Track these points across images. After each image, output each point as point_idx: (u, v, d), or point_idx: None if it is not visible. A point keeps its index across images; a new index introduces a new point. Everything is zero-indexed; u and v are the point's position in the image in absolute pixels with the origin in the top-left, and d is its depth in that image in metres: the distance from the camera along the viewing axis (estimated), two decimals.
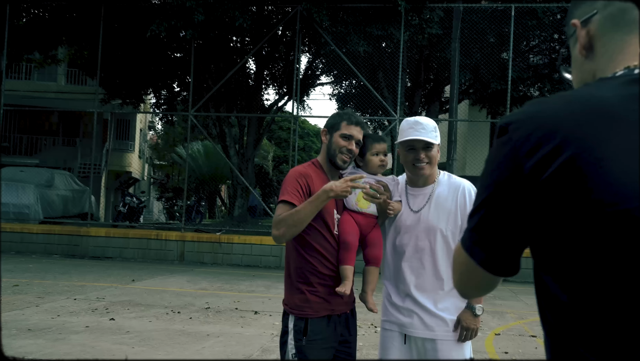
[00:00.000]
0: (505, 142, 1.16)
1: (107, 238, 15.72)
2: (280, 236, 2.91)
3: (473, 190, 3.12)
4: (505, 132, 1.17)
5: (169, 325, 7.56)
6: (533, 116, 1.14)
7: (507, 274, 1.23)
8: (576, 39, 1.27)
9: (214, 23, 15.38)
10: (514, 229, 1.16)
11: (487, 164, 1.20)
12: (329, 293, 3.01)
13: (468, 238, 1.24)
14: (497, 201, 1.16)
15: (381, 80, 18.18)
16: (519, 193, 1.12)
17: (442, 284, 3.06)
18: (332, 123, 3.19)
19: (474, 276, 1.26)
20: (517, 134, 1.13)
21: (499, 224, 1.17)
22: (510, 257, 1.20)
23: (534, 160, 1.09)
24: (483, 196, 1.19)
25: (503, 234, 1.17)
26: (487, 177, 1.19)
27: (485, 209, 1.18)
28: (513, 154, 1.13)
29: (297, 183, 3.01)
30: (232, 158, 18.98)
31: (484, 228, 1.19)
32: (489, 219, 1.18)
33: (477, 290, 1.34)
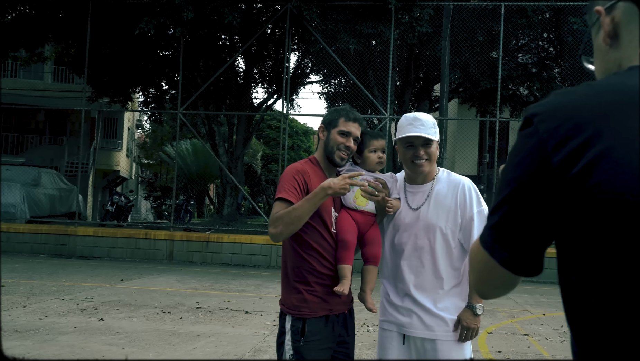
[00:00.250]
0: (530, 134, 1.09)
1: (95, 237, 15.57)
2: (277, 234, 2.84)
3: (473, 187, 3.07)
4: (530, 124, 1.10)
5: (159, 325, 7.47)
6: (561, 106, 1.08)
7: (530, 274, 1.16)
8: (599, 27, 1.20)
9: (203, 20, 15.25)
10: (539, 226, 1.10)
11: (510, 158, 1.14)
12: (327, 293, 2.95)
13: (488, 236, 1.17)
14: (521, 196, 1.09)
15: (371, 78, 18.14)
16: (545, 189, 1.06)
17: (442, 284, 3.01)
18: (329, 119, 3.13)
19: (493, 275, 1.20)
20: (544, 126, 1.07)
21: (523, 222, 1.10)
22: (533, 256, 1.14)
23: (562, 154, 1.03)
24: (505, 191, 1.12)
25: (527, 232, 1.11)
26: (510, 171, 1.12)
27: (509, 205, 1.12)
28: (540, 147, 1.06)
29: (295, 180, 2.94)
30: (222, 157, 18.87)
31: (507, 225, 1.13)
32: (512, 216, 1.11)
33: (496, 290, 1.27)
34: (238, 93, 19.94)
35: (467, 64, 17.78)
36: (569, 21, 15.96)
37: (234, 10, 14.74)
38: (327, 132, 3.11)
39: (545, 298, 10.97)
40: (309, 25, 15.47)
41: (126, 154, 34.34)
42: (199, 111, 19.09)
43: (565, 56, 16.83)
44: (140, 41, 16.93)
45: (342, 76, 21.17)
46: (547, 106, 1.10)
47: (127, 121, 34.39)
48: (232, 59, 17.52)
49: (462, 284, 3.05)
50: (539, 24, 17.77)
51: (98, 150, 28.67)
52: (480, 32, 17.09)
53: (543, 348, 6.92)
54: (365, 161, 3.13)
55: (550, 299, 10.83)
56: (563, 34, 16.40)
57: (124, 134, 32.79)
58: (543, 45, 19.48)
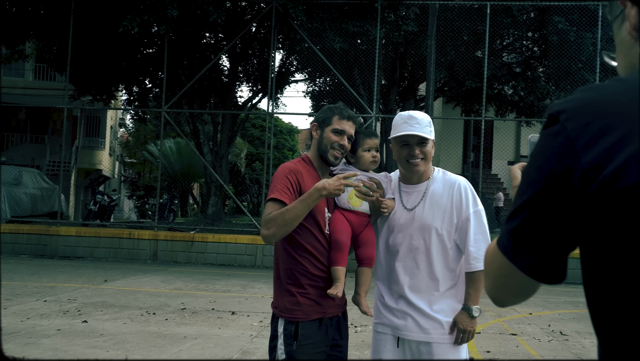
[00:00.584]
0: (557, 133, 1.02)
1: (78, 237, 15.38)
2: (270, 235, 2.76)
3: (469, 187, 3.01)
4: (555, 122, 1.03)
5: (144, 326, 7.35)
6: (590, 102, 1.01)
7: (553, 281, 1.09)
8: (623, 19, 1.13)
9: (187, 18, 15.11)
10: (565, 231, 1.03)
11: (534, 158, 1.07)
12: (321, 295, 2.87)
13: (508, 241, 1.10)
14: (546, 199, 1.03)
15: (357, 77, 18.10)
16: (573, 191, 0.99)
17: (437, 285, 2.94)
18: (323, 117, 3.05)
19: (513, 282, 1.13)
20: (572, 124, 1.00)
21: (548, 226, 1.04)
22: (557, 262, 1.08)
23: (593, 153, 0.96)
24: (529, 193, 1.05)
25: (552, 236, 1.04)
26: (533, 172, 1.05)
27: (532, 208, 1.05)
28: (567, 146, 0.99)
29: (287, 179, 2.86)
30: (206, 156, 18.72)
31: (530, 229, 1.06)
32: (535, 220, 1.05)
33: (514, 297, 1.20)
34: (222, 92, 19.81)
35: (452, 63, 17.80)
36: (554, 20, 16.02)
37: (218, 8, 14.62)
38: (321, 130, 3.04)
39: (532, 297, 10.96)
40: (294, 23, 15.39)
41: (109, 153, 34.02)
42: (183, 110, 18.93)
43: (550, 55, 16.88)
44: (123, 39, 16.75)
45: (327, 74, 21.12)
46: (575, 103, 1.03)
47: (110, 120, 34.07)
48: (216, 57, 17.38)
49: (458, 286, 2.99)
50: (523, 24, 17.83)
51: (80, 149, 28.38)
52: (465, 32, 17.10)
53: (532, 348, 6.90)
54: (359, 160, 3.06)
55: (536, 298, 10.83)
56: (548, 34, 16.45)
57: (106, 133, 32.48)
58: (528, 45, 19.55)
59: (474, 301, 2.90)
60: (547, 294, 11.45)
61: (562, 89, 17.82)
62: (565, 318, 9.00)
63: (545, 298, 10.95)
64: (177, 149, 33.44)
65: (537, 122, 19.81)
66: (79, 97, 20.49)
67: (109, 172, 34.00)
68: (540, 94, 18.16)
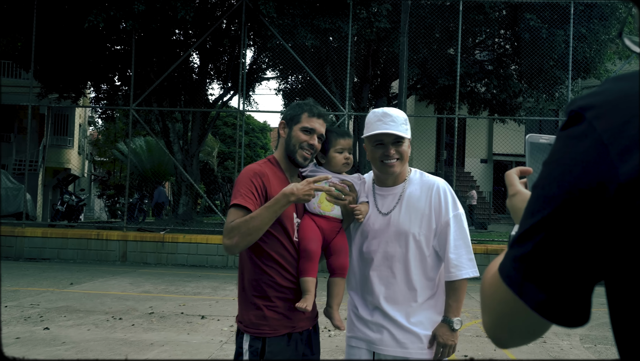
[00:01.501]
0: (582, 135, 0.81)
1: (44, 238, 14.93)
2: (233, 246, 2.52)
3: (448, 189, 2.81)
4: (579, 120, 0.82)
5: (109, 333, 7.06)
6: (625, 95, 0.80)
7: (574, 323, 0.86)
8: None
9: (155, 14, 14.75)
10: (592, 260, 0.82)
11: (550, 167, 0.86)
12: (289, 308, 2.65)
13: (515, 270, 0.88)
14: (568, 219, 0.81)
15: (329, 75, 17.91)
16: (606, 210, 0.78)
17: (415, 296, 2.74)
18: (291, 115, 2.83)
19: (520, 321, 0.91)
20: (604, 123, 0.79)
21: (570, 253, 0.82)
22: (580, 299, 0.85)
23: (634, 162, 0.76)
24: (544, 211, 0.84)
25: (574, 267, 0.83)
26: (550, 185, 0.84)
27: (548, 230, 0.83)
28: (598, 152, 0.79)
29: (252, 183, 2.63)
30: (176, 154, 18.38)
31: (545, 257, 0.84)
32: (553, 245, 0.83)
33: (521, 338, 0.97)
34: (193, 89, 19.46)
35: (425, 60, 17.70)
36: (526, 18, 15.99)
37: (187, 5, 14.29)
38: (289, 129, 2.81)
39: None
40: (265, 20, 15.13)
41: (78, 152, 33.39)
42: (152, 108, 18.55)
43: (522, 53, 16.86)
44: (90, 35, 16.31)
45: (299, 72, 20.89)
46: (606, 96, 0.82)
47: (79, 118, 33.43)
48: (185, 54, 17.03)
49: (437, 296, 2.80)
50: (495, 21, 17.80)
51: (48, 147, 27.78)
52: (437, 29, 17.02)
53: (509, 351, 6.76)
54: (330, 161, 2.84)
55: None
56: (520, 31, 16.42)
57: (75, 131, 31.84)
58: (500, 43, 19.54)
59: (454, 312, 2.70)
60: None
61: (534, 87, 17.83)
62: None
63: None
64: (147, 148, 32.89)
65: (510, 119, 19.85)
66: (46, 95, 19.98)
67: (78, 171, 33.37)
68: (513, 92, 18.15)
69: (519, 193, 1.18)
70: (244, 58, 16.59)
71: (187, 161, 18.54)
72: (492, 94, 18.76)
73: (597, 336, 7.70)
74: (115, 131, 37.86)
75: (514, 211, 1.19)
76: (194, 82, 19.69)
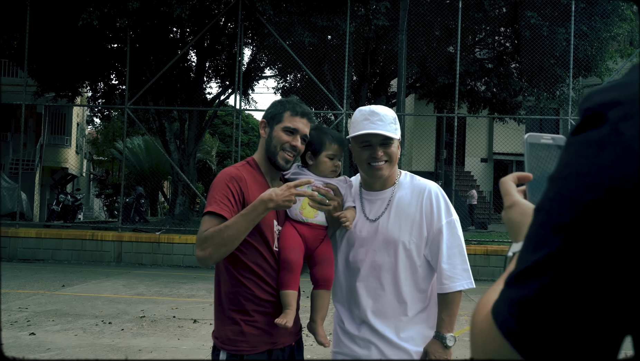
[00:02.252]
0: (604, 141, 0.61)
1: (38, 238, 14.71)
2: (205, 257, 2.32)
3: (441, 193, 2.60)
4: (600, 122, 0.62)
5: (97, 338, 6.86)
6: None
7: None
8: None
9: (150, 12, 14.54)
10: (617, 309, 0.61)
11: (559, 184, 0.65)
12: (269, 323, 2.44)
13: (512, 317, 0.67)
14: (586, 255, 0.61)
15: (327, 73, 17.70)
16: (637, 243, 0.58)
17: (405, 309, 2.54)
18: (272, 113, 2.61)
19: None
20: (633, 126, 0.59)
21: (588, 301, 0.61)
22: (599, 357, 0.64)
23: None
24: (551, 244, 0.64)
25: (593, 319, 0.62)
26: (560, 208, 0.64)
27: (557, 270, 0.63)
28: (628, 164, 0.58)
29: (228, 188, 2.41)
30: (173, 154, 18.18)
31: (553, 305, 0.63)
32: (566, 289, 0.62)
33: None
34: (190, 88, 19.25)
35: (424, 58, 17.48)
36: (526, 15, 15.78)
37: (182, 2, 14.08)
38: (270, 128, 2.60)
39: None
40: (262, 18, 14.92)
41: (76, 151, 33.18)
42: (148, 106, 18.34)
43: (522, 51, 16.64)
44: (85, 33, 16.09)
45: (297, 70, 20.67)
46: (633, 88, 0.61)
47: (77, 117, 33.22)
48: (182, 52, 16.81)
49: (429, 309, 2.60)
50: (495, 19, 17.59)
51: (45, 146, 27.60)
52: (437, 27, 16.80)
53: None
54: (318, 165, 2.62)
55: None
56: (520, 29, 16.20)
57: (72, 130, 31.64)
58: (500, 40, 19.33)
59: (448, 328, 2.50)
60: None
61: (534, 85, 17.62)
62: None
63: None
64: (145, 147, 32.68)
65: (510, 118, 19.63)
66: (42, 93, 19.78)
67: (75, 170, 33.16)
68: (513, 91, 17.94)
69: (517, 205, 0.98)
70: (240, 56, 16.37)
71: (184, 161, 18.34)
72: (492, 92, 18.55)
73: None
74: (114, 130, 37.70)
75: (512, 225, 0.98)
76: (191, 81, 19.49)
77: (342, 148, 2.65)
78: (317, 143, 2.61)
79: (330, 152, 2.61)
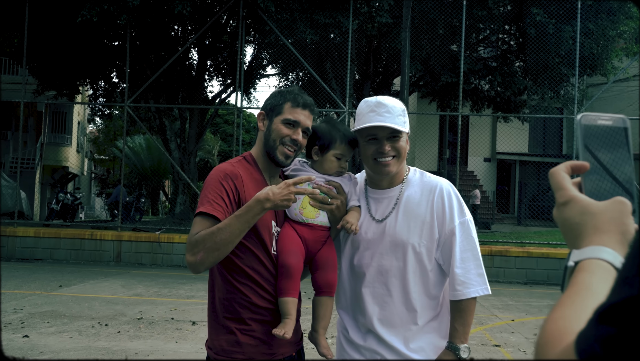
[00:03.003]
0: None
1: (36, 238, 14.53)
2: (197, 263, 2.11)
3: (453, 191, 2.40)
4: None
5: (93, 341, 6.67)
6: None
7: None
8: None
9: (150, 8, 14.35)
10: None
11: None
12: (267, 332, 2.24)
13: (601, 349, 0.50)
14: None
15: (329, 71, 17.50)
16: None
17: (415, 317, 2.34)
18: (272, 104, 2.40)
19: None
20: None
21: None
22: None
23: None
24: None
25: None
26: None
27: None
28: None
29: (222, 186, 2.21)
30: (174, 152, 17.99)
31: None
32: None
33: None
34: (191, 86, 19.05)
35: (427, 57, 17.27)
36: (532, 12, 15.56)
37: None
38: (269, 121, 2.39)
39: (513, 301, 10.47)
40: (264, 16, 14.71)
41: (76, 150, 33.00)
42: (148, 104, 18.16)
43: (527, 49, 16.41)
44: (85, 30, 15.89)
45: (299, 68, 20.47)
46: None
47: (77, 115, 33.03)
48: (182, 49, 16.56)
49: (441, 317, 2.39)
50: (500, 16, 17.36)
51: (46, 145, 27.43)
52: (441, 24, 16.57)
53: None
54: (323, 162, 2.41)
55: (517, 302, 10.34)
56: (526, 26, 15.97)
57: (73, 129, 31.46)
58: (504, 39, 19.10)
59: (461, 338, 2.29)
60: (529, 298, 10.96)
61: (539, 84, 17.40)
62: None
63: (527, 302, 10.45)
64: (146, 146, 32.50)
65: (514, 117, 19.41)
66: (42, 91, 19.61)
67: (76, 169, 33.00)
68: (518, 89, 17.72)
69: (575, 201, 0.78)
70: (242, 54, 16.17)
71: (184, 159, 18.14)
72: (496, 91, 18.34)
73: None
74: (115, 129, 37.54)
75: (569, 227, 0.79)
76: (192, 79, 19.29)
77: (352, 149, 2.44)
78: (326, 139, 2.39)
79: (339, 151, 2.40)
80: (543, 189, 24.42)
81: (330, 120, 2.48)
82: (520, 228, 20.93)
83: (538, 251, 13.34)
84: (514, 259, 13.26)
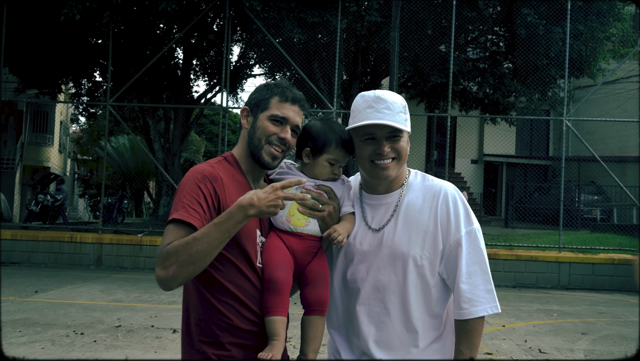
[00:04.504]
0: None
1: (13, 241, 14.10)
2: (168, 279, 1.83)
3: (459, 197, 2.13)
4: None
5: (66, 351, 6.34)
6: None
7: None
8: None
9: (134, 5, 14.00)
10: None
11: None
12: (250, 358, 1.96)
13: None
14: None
15: (317, 71, 17.24)
16: None
17: (416, 339, 2.07)
18: (257, 99, 2.13)
19: None
20: None
21: None
22: None
23: None
24: None
25: None
26: None
27: None
28: None
29: (199, 190, 1.93)
30: (157, 153, 17.63)
31: None
32: None
33: None
34: (176, 85, 18.70)
35: (416, 57, 17.07)
36: (522, 13, 15.40)
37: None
38: (253, 117, 2.12)
39: (503, 305, 10.12)
40: (251, 14, 14.41)
41: (59, 150, 32.50)
42: (131, 104, 17.79)
43: (517, 50, 16.24)
44: (68, 27, 15.50)
45: (286, 68, 20.19)
46: None
47: (60, 115, 32.54)
48: (165, 47, 16.18)
49: (445, 338, 2.13)
50: (489, 17, 17.21)
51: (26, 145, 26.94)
52: (430, 25, 16.38)
53: None
54: (314, 166, 2.14)
55: (507, 306, 10.11)
56: (516, 27, 15.81)
57: (55, 129, 30.97)
58: (493, 40, 18.96)
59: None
60: (519, 302, 10.76)
61: (528, 86, 17.25)
62: (541, 331, 8.26)
63: (517, 307, 10.24)
64: (130, 146, 32.07)
65: (502, 119, 19.26)
66: (24, 90, 19.18)
67: (59, 170, 32.48)
68: (507, 91, 17.58)
69: None
70: (228, 53, 15.84)
71: (168, 160, 17.79)
72: (484, 93, 18.18)
73: (602, 351, 7.09)
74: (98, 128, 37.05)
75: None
76: (177, 78, 18.94)
77: (348, 155, 2.17)
78: (320, 140, 2.13)
79: (333, 156, 2.13)
80: (530, 191, 24.33)
81: (327, 119, 2.20)
82: (507, 230, 20.75)
83: (527, 254, 13.16)
84: (503, 262, 13.07)
